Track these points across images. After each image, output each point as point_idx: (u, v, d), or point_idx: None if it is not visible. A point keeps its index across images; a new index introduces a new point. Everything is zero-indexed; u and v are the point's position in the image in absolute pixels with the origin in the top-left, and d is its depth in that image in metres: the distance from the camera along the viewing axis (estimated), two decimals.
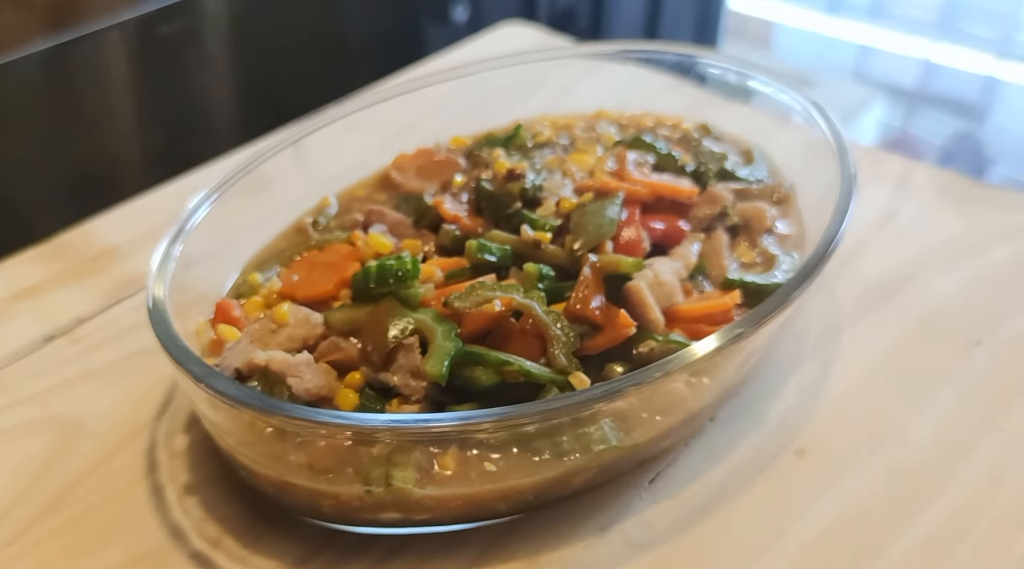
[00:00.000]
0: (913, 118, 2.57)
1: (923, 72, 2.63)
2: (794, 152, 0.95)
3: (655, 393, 0.69)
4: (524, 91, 1.17)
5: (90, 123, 1.47)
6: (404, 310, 0.72)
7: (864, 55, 2.84)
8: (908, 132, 2.56)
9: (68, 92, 1.43)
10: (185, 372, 0.65)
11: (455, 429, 0.62)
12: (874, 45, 2.77)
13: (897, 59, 2.72)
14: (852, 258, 0.96)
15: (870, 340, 0.86)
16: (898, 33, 2.71)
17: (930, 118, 2.56)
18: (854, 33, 2.84)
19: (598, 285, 0.74)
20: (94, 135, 1.48)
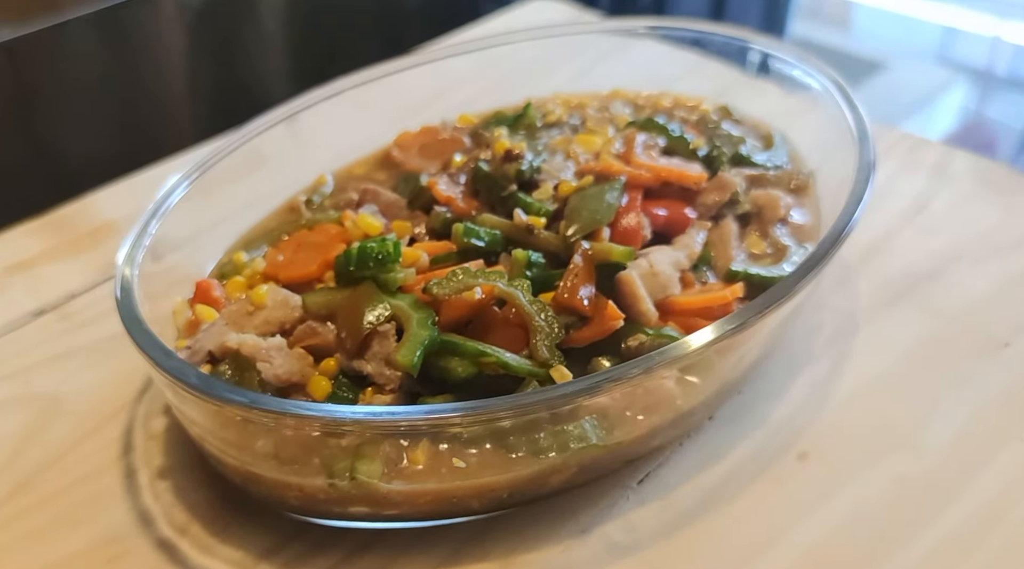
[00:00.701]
0: (994, 102, 2.48)
1: (1010, 55, 2.54)
2: (819, 137, 0.91)
3: (639, 390, 0.66)
4: (547, 67, 1.14)
5: (143, 83, 1.48)
6: (382, 295, 0.69)
7: (948, 37, 2.75)
8: (986, 116, 2.47)
9: (122, 53, 1.44)
10: (147, 357, 0.63)
11: (407, 424, 0.60)
12: (959, 26, 2.68)
13: (983, 41, 2.62)
14: (877, 250, 0.92)
15: (888, 338, 0.82)
16: (985, 14, 2.61)
17: (1012, 102, 2.47)
18: (938, 14, 2.74)
19: (589, 274, 0.71)
20: (146, 95, 1.49)
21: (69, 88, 1.39)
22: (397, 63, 1.04)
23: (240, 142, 0.87)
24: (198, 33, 1.51)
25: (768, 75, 0.97)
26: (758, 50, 0.96)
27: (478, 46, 1.09)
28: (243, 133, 0.89)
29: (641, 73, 1.12)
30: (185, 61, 1.52)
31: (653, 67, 1.15)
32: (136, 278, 0.71)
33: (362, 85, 1.01)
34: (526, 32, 1.11)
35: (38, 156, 1.40)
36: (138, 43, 1.46)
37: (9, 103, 1.34)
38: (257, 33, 1.61)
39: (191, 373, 0.61)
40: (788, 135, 0.94)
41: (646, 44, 1.16)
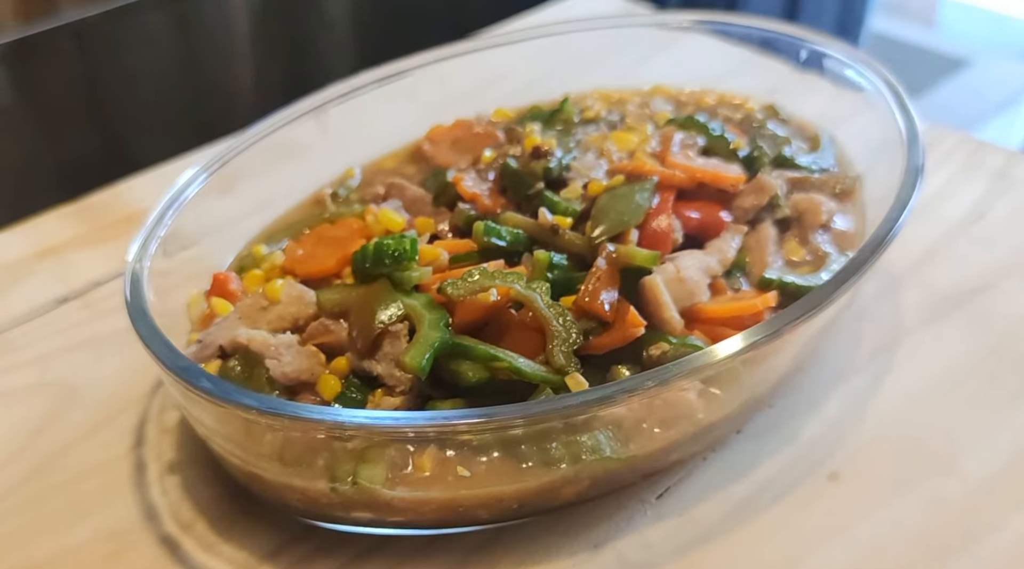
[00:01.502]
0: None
1: None
2: (869, 139, 0.87)
3: (658, 402, 0.63)
4: (596, 60, 1.12)
5: (207, 67, 1.49)
6: (396, 294, 0.68)
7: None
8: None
9: (186, 36, 1.45)
10: (151, 353, 0.63)
11: (402, 431, 0.58)
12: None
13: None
14: (927, 259, 0.88)
15: (933, 354, 0.78)
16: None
17: None
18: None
19: (613, 278, 0.69)
20: (210, 79, 1.50)
21: (134, 71, 1.41)
22: (442, 51, 1.02)
23: (268, 132, 0.87)
24: (263, 18, 1.51)
25: (821, 73, 0.94)
26: (808, 48, 0.92)
27: (526, 36, 1.07)
28: (272, 122, 0.88)
29: (691, 68, 1.10)
30: (249, 45, 1.52)
31: (704, 62, 1.12)
32: (147, 273, 0.71)
33: (405, 74, 0.99)
34: (574, 23, 1.09)
35: (103, 139, 1.41)
36: (203, 27, 1.46)
37: (76, 85, 1.36)
38: (322, 19, 1.61)
39: (193, 371, 0.60)
40: (837, 137, 0.91)
41: (698, 39, 1.13)
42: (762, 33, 0.98)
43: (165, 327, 0.76)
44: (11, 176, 1.33)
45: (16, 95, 1.31)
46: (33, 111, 1.33)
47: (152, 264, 0.72)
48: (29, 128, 1.33)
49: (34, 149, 1.34)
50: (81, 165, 1.37)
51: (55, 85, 1.34)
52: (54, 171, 1.36)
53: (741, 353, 0.61)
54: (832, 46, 0.91)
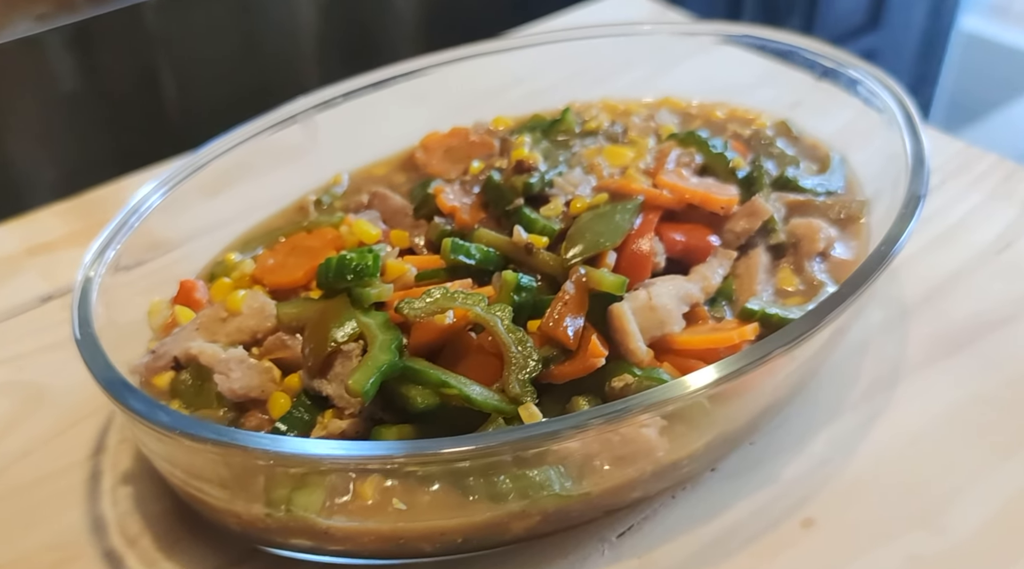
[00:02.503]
0: None
1: None
2: (882, 162, 0.83)
3: (616, 438, 0.60)
4: (617, 67, 1.09)
5: (271, 49, 1.50)
6: (353, 311, 0.66)
7: None
8: None
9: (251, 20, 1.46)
10: (87, 366, 0.62)
11: (310, 462, 0.56)
12: None
13: None
14: (942, 291, 0.84)
15: (934, 395, 0.74)
16: None
17: None
18: None
19: (580, 303, 0.66)
20: (275, 61, 1.50)
21: (195, 57, 1.41)
22: (456, 52, 1.00)
23: (257, 131, 0.86)
24: (327, 6, 1.50)
25: (843, 89, 0.90)
26: (824, 64, 0.88)
27: (545, 39, 1.05)
28: (267, 121, 0.87)
29: (715, 78, 1.06)
30: (313, 34, 1.52)
31: (728, 72, 1.08)
32: (98, 283, 0.70)
33: (413, 75, 0.98)
34: (595, 28, 1.06)
35: (160, 125, 1.42)
36: (266, 15, 1.46)
37: (137, 69, 1.37)
38: (388, 7, 1.59)
39: (118, 386, 0.59)
40: (853, 157, 0.87)
41: (725, 49, 1.09)
42: (781, 47, 0.94)
43: (131, 334, 0.76)
44: (70, 156, 1.34)
45: (78, 78, 1.32)
46: (93, 94, 1.34)
47: (126, 267, 0.72)
48: (88, 110, 1.35)
49: (92, 131, 1.36)
50: (136, 150, 1.39)
51: (116, 69, 1.36)
52: (110, 154, 1.38)
53: (701, 390, 0.58)
54: (849, 63, 0.87)
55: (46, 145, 1.33)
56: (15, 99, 1.28)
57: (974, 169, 0.99)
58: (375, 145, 0.97)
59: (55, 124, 1.32)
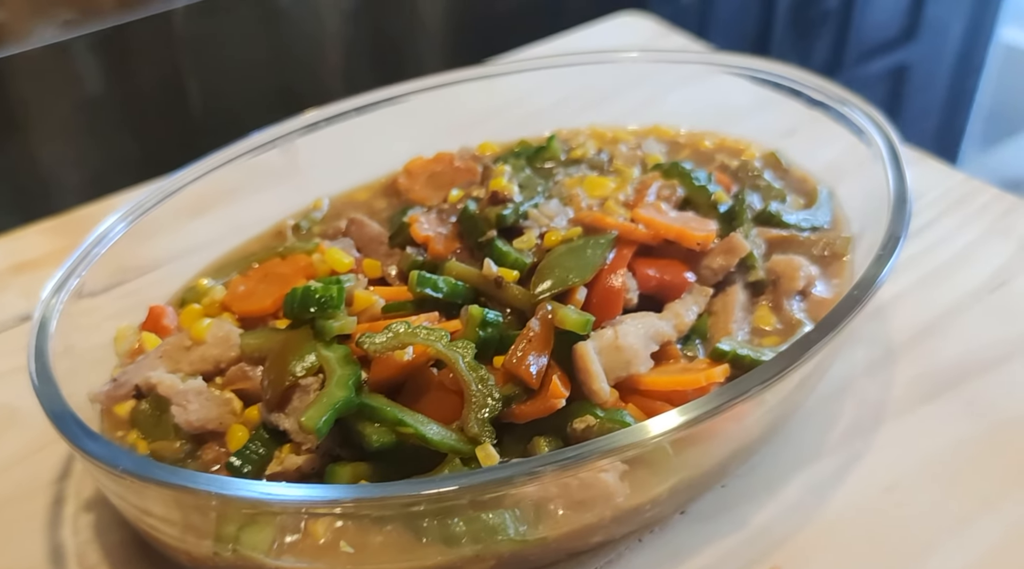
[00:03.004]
0: None
1: None
2: (870, 197, 0.82)
3: (574, 482, 0.59)
4: (613, 91, 1.08)
5: (298, 57, 1.50)
6: (314, 344, 0.66)
7: None
8: None
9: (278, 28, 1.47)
10: (37, 396, 0.61)
11: (256, 505, 0.55)
12: None
13: None
14: (932, 330, 0.82)
15: (915, 441, 0.73)
16: None
17: None
18: None
19: (545, 341, 0.65)
20: (301, 69, 1.51)
21: (222, 63, 1.42)
22: (453, 75, 1.00)
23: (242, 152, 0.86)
24: (354, 16, 1.51)
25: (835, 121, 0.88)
26: (813, 97, 0.87)
27: (540, 65, 1.05)
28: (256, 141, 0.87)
29: (711, 103, 1.05)
30: (340, 43, 1.52)
31: (724, 98, 1.07)
32: (59, 310, 0.70)
33: (410, 95, 0.97)
34: (586, 55, 1.05)
35: (185, 131, 1.43)
36: (293, 24, 1.47)
37: (164, 75, 1.38)
38: (414, 17, 1.60)
39: (64, 418, 0.59)
40: (842, 191, 0.86)
41: (717, 75, 1.08)
42: (774, 78, 0.92)
43: (97, 360, 0.76)
44: (94, 161, 1.35)
45: (104, 83, 1.34)
46: (119, 100, 1.35)
47: (100, 291, 0.72)
48: (113, 116, 1.36)
49: (117, 136, 1.37)
50: (160, 156, 1.40)
51: (142, 75, 1.37)
52: (135, 159, 1.39)
53: (660, 438, 0.57)
54: (837, 95, 0.85)
55: (72, 149, 1.34)
56: (43, 104, 1.29)
57: (974, 202, 0.97)
58: (366, 168, 0.97)
59: (80, 128, 1.34)
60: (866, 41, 2.11)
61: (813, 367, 0.66)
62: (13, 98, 1.26)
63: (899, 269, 0.87)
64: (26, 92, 1.27)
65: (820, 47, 2.08)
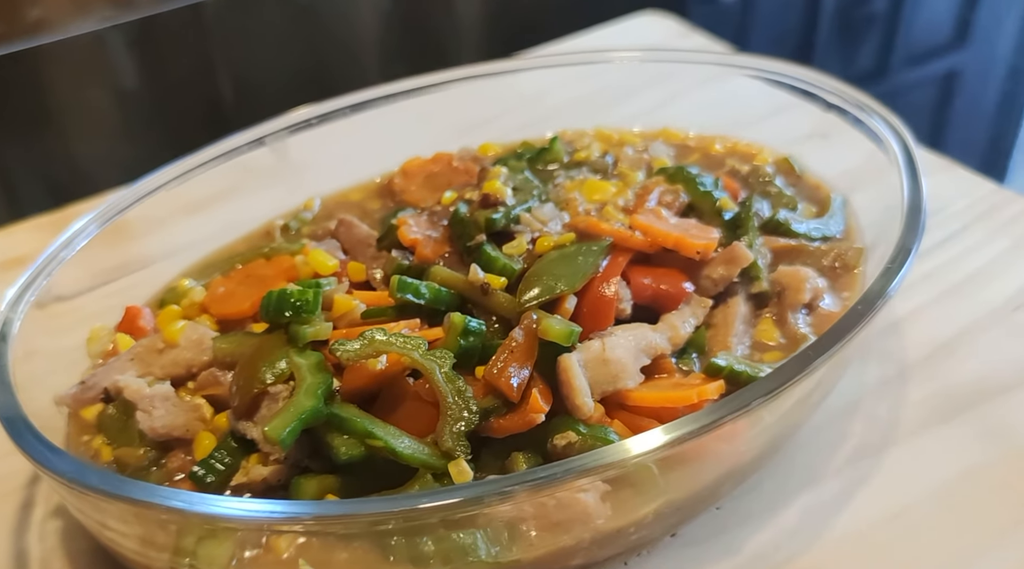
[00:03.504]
0: None
1: None
2: (885, 207, 0.78)
3: (551, 502, 0.56)
4: (627, 92, 1.05)
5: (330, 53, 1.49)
6: (287, 350, 0.63)
7: None
8: None
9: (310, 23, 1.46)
10: None
11: (210, 520, 0.53)
12: None
13: None
14: (949, 350, 0.78)
15: (925, 466, 0.69)
16: None
17: None
18: None
19: (528, 352, 0.62)
20: (333, 65, 1.50)
21: (253, 57, 1.42)
22: (456, 72, 0.97)
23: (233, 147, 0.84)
24: (387, 12, 1.50)
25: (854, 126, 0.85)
26: (832, 101, 0.83)
27: (556, 62, 1.02)
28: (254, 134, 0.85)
29: (730, 106, 1.01)
30: (373, 39, 1.51)
31: (745, 100, 1.04)
32: (22, 317, 0.68)
33: (417, 93, 0.95)
34: (601, 54, 1.02)
35: (215, 125, 1.43)
36: (324, 20, 1.46)
37: (194, 67, 1.37)
38: (449, 12, 1.58)
39: (16, 424, 0.57)
40: (855, 200, 0.82)
41: (737, 77, 1.05)
42: (790, 81, 0.89)
43: (74, 362, 0.74)
44: (127, 152, 1.35)
45: (138, 74, 1.33)
46: (152, 90, 1.35)
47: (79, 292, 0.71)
48: (146, 106, 1.36)
49: (150, 127, 1.37)
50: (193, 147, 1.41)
51: (175, 65, 1.36)
52: (168, 150, 1.39)
53: (642, 456, 0.54)
54: (855, 100, 0.81)
55: (107, 140, 1.34)
56: (75, 94, 1.29)
57: (1003, 214, 0.93)
58: (369, 168, 0.94)
59: (114, 119, 1.33)
60: (914, 46, 2.06)
61: (813, 385, 0.63)
62: (45, 87, 1.26)
63: (917, 283, 0.84)
64: (58, 82, 1.27)
65: (865, 51, 2.03)
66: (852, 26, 1.99)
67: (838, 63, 2.00)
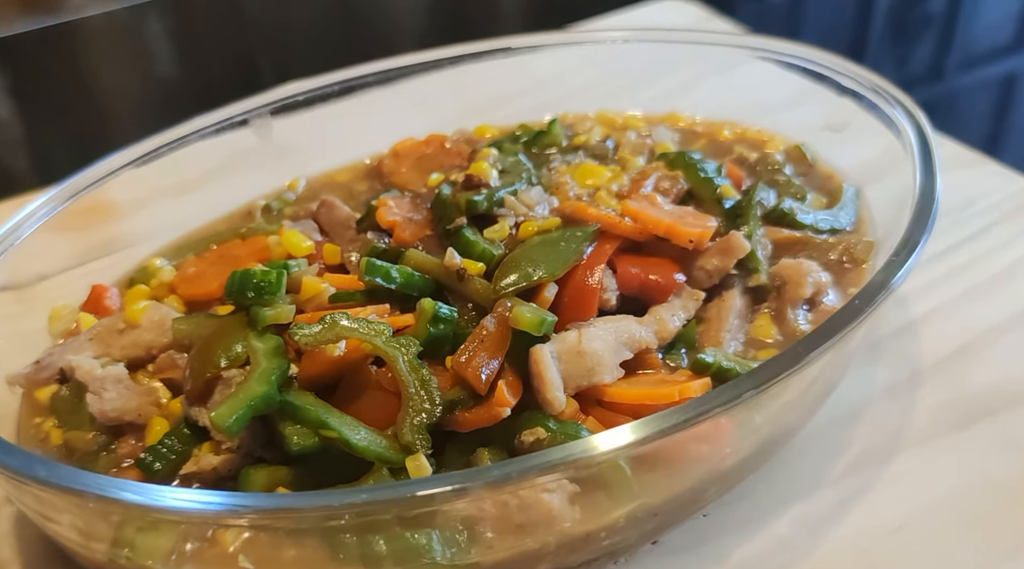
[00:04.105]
0: None
1: None
2: (898, 199, 0.73)
3: (513, 502, 0.53)
4: (645, 76, 1.01)
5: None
6: (246, 333, 0.60)
7: None
8: None
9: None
10: None
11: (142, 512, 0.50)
12: None
13: None
14: (966, 354, 0.73)
15: (930, 478, 0.64)
16: None
17: None
18: None
19: (500, 342, 0.59)
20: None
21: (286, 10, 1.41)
22: (457, 49, 0.94)
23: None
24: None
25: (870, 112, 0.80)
26: (849, 87, 0.79)
27: (572, 39, 0.99)
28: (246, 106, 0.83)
29: (750, 92, 0.97)
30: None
31: (765, 87, 0.99)
32: None
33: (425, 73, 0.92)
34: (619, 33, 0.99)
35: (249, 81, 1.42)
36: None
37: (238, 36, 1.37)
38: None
39: None
40: (871, 192, 0.77)
41: (754, 62, 1.01)
42: (812, 66, 0.84)
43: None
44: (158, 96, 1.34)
45: (175, 59, 1.32)
46: (182, 50, 1.35)
47: None
48: (184, 90, 1.35)
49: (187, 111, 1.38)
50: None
51: (213, 50, 1.35)
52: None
53: (609, 453, 0.50)
54: (873, 85, 0.77)
55: (144, 125, 1.34)
56: (113, 79, 1.28)
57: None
58: (371, 148, 0.91)
59: (152, 103, 1.32)
60: (973, 47, 1.99)
61: (806, 384, 0.59)
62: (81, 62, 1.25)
63: (937, 282, 0.79)
64: (91, 58, 1.25)
65: (921, 52, 1.97)
66: (907, 26, 1.93)
67: (891, 65, 1.94)
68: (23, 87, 1.28)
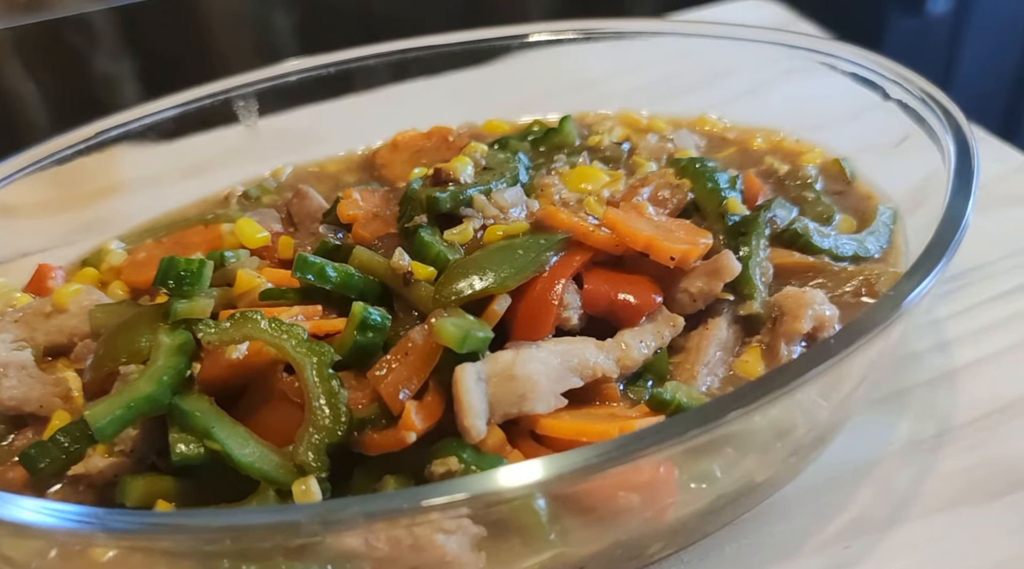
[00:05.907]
0: None
1: None
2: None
3: (403, 542, 0.47)
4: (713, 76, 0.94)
5: None
6: (156, 326, 0.56)
7: None
8: None
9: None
10: None
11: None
12: None
13: None
14: (1006, 414, 0.65)
15: (940, 551, 0.57)
16: None
17: None
18: None
19: (427, 357, 0.53)
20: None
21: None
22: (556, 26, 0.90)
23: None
24: None
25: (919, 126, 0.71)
26: (903, 100, 0.71)
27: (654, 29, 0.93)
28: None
29: (816, 100, 0.89)
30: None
31: (834, 95, 0.91)
32: None
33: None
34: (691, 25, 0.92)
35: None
36: None
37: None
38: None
39: None
40: (913, 219, 0.69)
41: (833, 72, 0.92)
42: (871, 75, 0.76)
43: None
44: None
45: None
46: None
47: None
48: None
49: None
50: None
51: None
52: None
53: (499, 493, 0.44)
54: (926, 97, 0.68)
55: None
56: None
57: None
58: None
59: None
60: None
61: (777, 431, 0.51)
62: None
63: (986, 330, 0.70)
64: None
65: None
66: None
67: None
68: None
